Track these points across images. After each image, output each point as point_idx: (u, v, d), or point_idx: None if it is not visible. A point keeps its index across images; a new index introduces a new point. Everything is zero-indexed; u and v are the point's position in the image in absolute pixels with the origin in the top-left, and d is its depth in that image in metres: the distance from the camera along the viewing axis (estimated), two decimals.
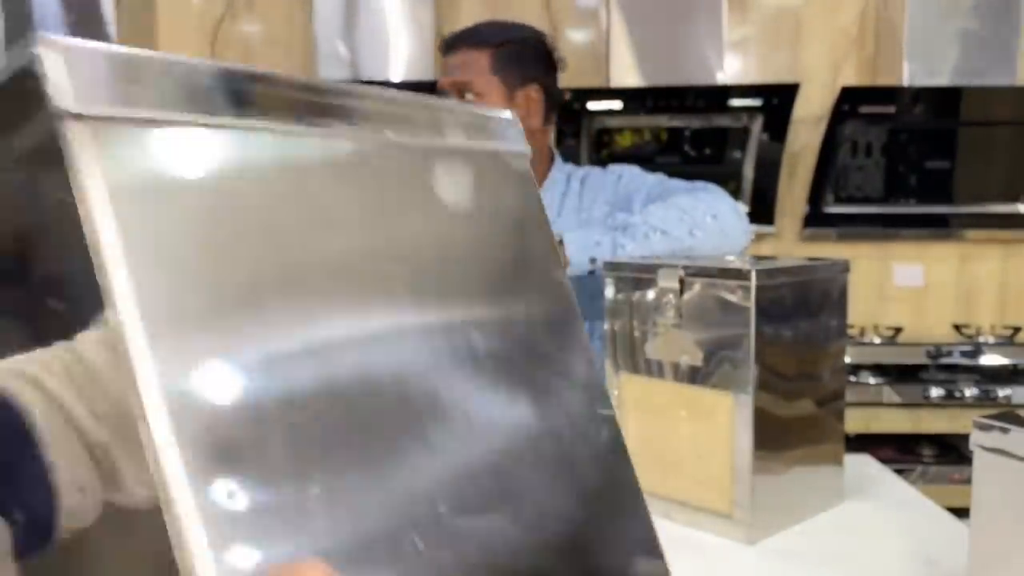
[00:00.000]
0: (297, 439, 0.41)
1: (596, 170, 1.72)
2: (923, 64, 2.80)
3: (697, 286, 1.22)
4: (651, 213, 1.48)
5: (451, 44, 1.64)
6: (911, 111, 2.80)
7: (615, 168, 1.70)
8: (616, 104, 2.83)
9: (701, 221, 1.46)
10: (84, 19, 2.79)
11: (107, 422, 0.39)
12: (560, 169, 1.69)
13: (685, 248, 1.45)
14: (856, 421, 2.53)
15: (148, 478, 0.36)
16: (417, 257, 0.53)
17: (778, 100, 2.81)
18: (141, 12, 2.99)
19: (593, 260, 1.43)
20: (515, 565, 0.50)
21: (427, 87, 2.78)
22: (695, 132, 2.96)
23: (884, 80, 2.95)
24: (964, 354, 2.76)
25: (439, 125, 0.57)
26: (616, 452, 0.63)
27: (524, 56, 1.64)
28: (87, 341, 0.40)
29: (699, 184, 1.63)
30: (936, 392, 2.66)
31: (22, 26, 2.77)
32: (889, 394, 2.69)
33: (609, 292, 1.33)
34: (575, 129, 2.84)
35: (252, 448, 0.39)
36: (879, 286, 3.15)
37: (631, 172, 1.68)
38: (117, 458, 0.40)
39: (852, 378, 2.71)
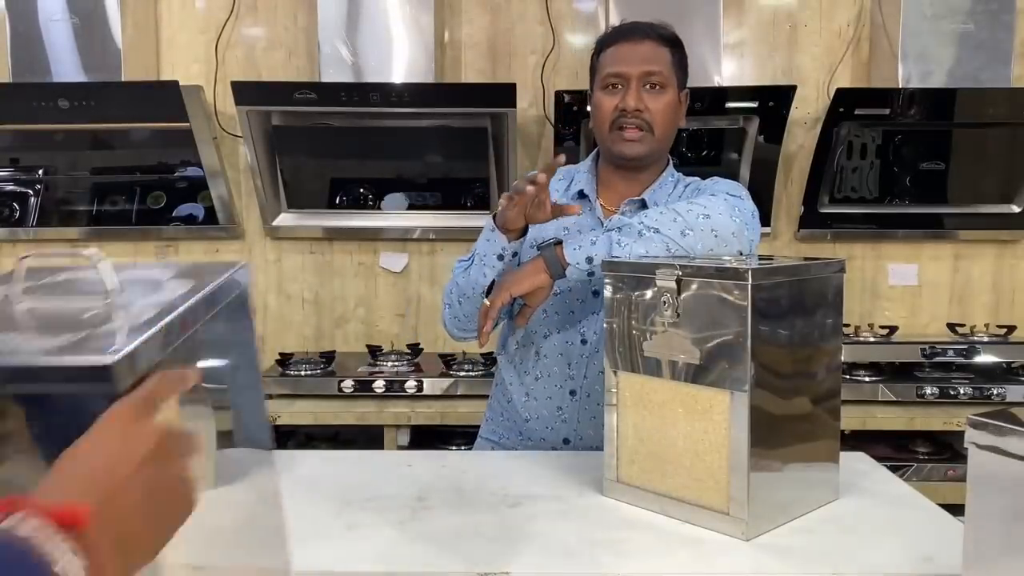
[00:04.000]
0: None
1: (700, 180, 1.76)
2: (917, 66, 2.81)
3: (694, 285, 1.24)
4: (646, 215, 1.50)
5: (635, 33, 1.64)
6: (906, 113, 2.82)
7: (716, 178, 1.74)
8: None
9: (693, 222, 1.47)
10: (88, 22, 2.80)
11: None
12: (671, 173, 1.73)
13: (680, 248, 1.46)
14: (851, 419, 2.55)
15: None
16: None
17: (774, 102, 2.83)
18: (145, 14, 3.00)
19: (590, 260, 1.44)
20: None
21: (428, 89, 2.81)
22: (692, 134, 2.97)
23: (879, 82, 2.97)
24: (958, 352, 2.78)
25: None
26: None
27: (686, 62, 1.70)
28: None
29: (722, 186, 1.68)
30: (930, 390, 2.68)
31: (27, 27, 2.79)
32: (884, 392, 2.71)
33: (608, 291, 1.35)
34: (574, 130, 2.85)
35: None
36: (874, 285, 3.18)
37: (723, 180, 1.72)
38: None
39: (847, 376, 2.73)
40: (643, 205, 1.66)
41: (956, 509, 1.11)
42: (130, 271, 0.83)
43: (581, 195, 1.72)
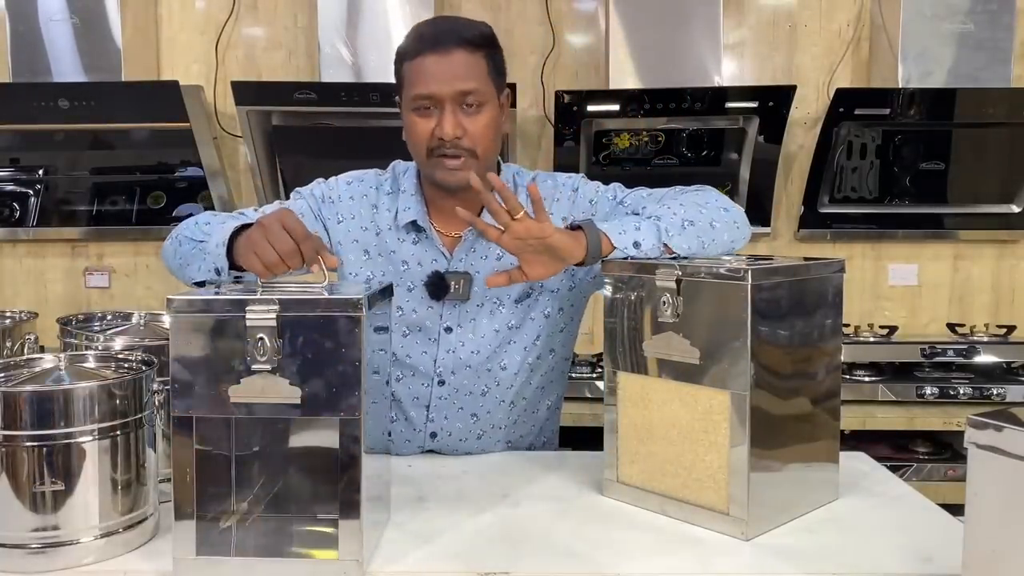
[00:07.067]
0: None
1: (541, 176, 1.63)
2: (917, 66, 2.81)
3: (694, 286, 1.24)
4: (672, 207, 1.42)
5: (442, 42, 1.43)
6: (906, 113, 2.82)
7: (564, 178, 1.62)
8: (614, 106, 2.84)
9: (717, 215, 1.44)
10: (88, 22, 2.80)
11: None
12: (506, 177, 1.59)
13: (712, 242, 1.41)
14: (851, 419, 2.55)
15: None
16: None
17: (774, 102, 2.83)
18: (145, 14, 3.00)
19: (637, 245, 1.35)
20: None
21: None
22: (692, 134, 2.97)
23: (879, 82, 2.97)
24: (958, 352, 2.78)
25: None
26: None
27: (502, 59, 1.54)
28: None
29: (586, 184, 1.60)
30: (930, 390, 2.69)
31: (27, 27, 2.79)
32: (884, 392, 2.71)
33: (608, 291, 1.35)
34: (574, 131, 2.85)
35: None
36: (874, 285, 3.18)
37: (584, 184, 1.61)
38: None
39: (847, 376, 2.73)
40: None
41: (956, 509, 1.11)
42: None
43: (415, 226, 1.56)
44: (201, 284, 1.38)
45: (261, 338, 1.03)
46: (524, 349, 1.59)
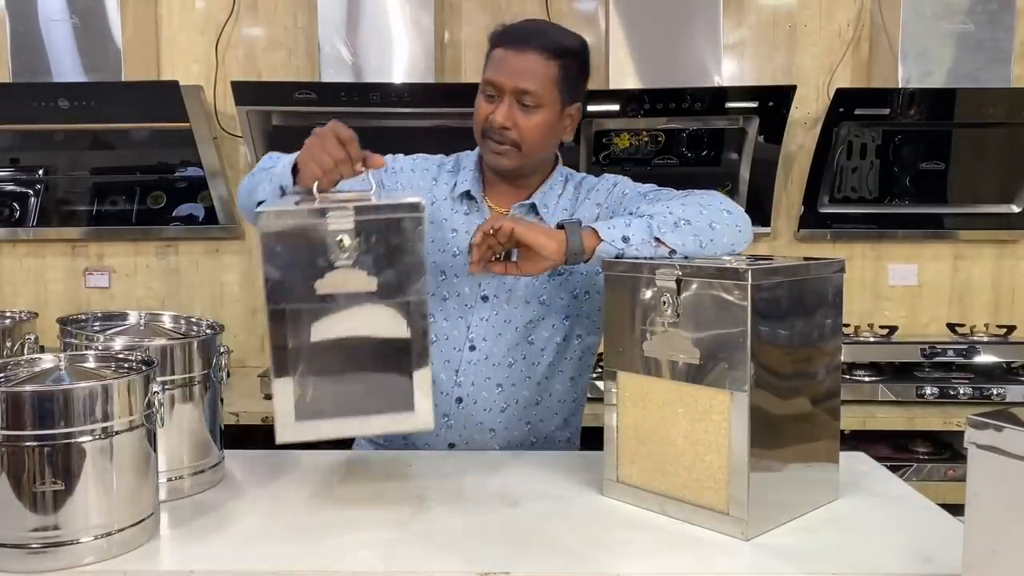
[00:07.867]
0: None
1: (590, 176, 1.75)
2: (917, 66, 2.81)
3: (694, 286, 1.24)
4: (670, 206, 1.46)
5: (521, 40, 1.56)
6: (906, 113, 2.82)
7: (610, 176, 1.73)
8: (614, 106, 2.84)
9: (718, 216, 1.47)
10: (88, 22, 2.80)
11: None
12: (560, 172, 1.72)
13: (710, 243, 1.44)
14: (851, 419, 2.55)
15: None
16: None
17: (774, 102, 2.83)
18: (145, 14, 3.00)
19: (626, 240, 1.40)
20: None
21: (428, 89, 2.81)
22: (692, 134, 2.98)
23: (879, 82, 2.97)
24: (958, 352, 2.78)
25: None
26: None
27: (581, 73, 1.63)
28: None
29: (631, 185, 1.69)
30: (930, 390, 2.68)
31: (27, 27, 2.79)
32: (884, 392, 2.71)
33: (608, 291, 1.35)
34: (574, 131, 2.85)
35: None
36: (874, 285, 3.18)
37: (626, 181, 1.71)
38: None
39: (847, 376, 2.73)
40: (533, 208, 1.65)
41: (956, 509, 1.11)
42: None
43: (468, 196, 1.68)
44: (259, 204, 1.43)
45: (341, 239, 1.20)
46: (552, 327, 1.66)
